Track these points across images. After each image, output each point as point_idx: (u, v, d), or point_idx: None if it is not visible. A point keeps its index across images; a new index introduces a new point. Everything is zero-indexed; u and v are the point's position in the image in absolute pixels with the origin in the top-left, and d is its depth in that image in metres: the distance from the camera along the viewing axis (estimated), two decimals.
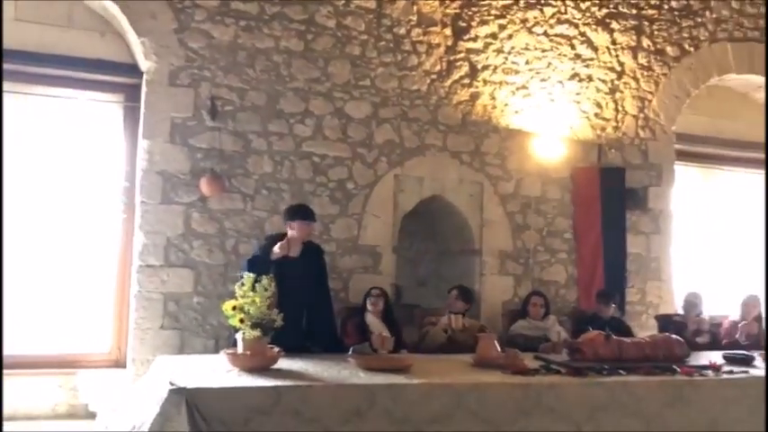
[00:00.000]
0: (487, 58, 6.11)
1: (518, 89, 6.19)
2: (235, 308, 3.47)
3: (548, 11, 6.31)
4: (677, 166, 6.79)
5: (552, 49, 6.32)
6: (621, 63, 6.56)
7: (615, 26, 6.54)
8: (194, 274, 5.13)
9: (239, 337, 3.50)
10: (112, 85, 5.36)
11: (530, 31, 6.25)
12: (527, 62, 6.23)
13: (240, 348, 3.49)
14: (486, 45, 6.11)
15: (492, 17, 6.13)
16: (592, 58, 6.45)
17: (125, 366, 5.05)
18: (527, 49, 6.24)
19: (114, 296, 5.25)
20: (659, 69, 6.69)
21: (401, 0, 5.83)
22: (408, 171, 5.81)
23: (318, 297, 4.58)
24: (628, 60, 6.58)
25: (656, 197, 6.59)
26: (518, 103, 6.18)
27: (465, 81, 6.03)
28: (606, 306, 5.60)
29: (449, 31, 5.99)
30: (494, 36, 6.13)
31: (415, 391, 3.29)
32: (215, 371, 3.40)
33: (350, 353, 3.95)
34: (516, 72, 6.19)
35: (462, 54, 6.04)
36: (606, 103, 6.49)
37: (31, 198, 5.10)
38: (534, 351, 4.65)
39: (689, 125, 6.93)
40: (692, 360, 4.30)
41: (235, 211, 5.27)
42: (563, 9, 6.36)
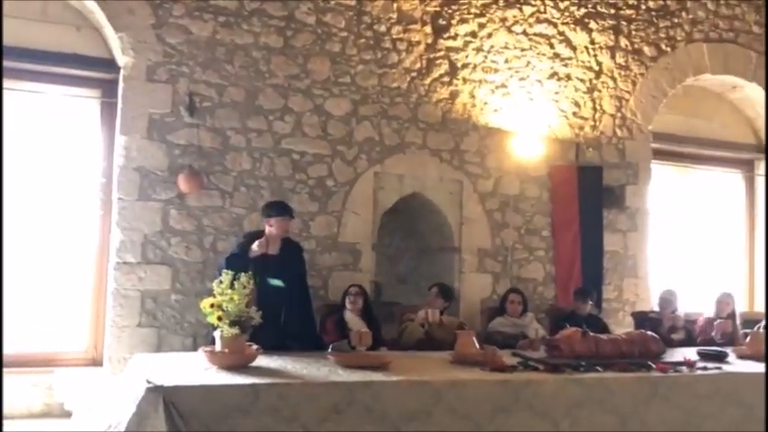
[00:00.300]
0: (467, 56, 6.13)
1: (497, 88, 6.22)
2: (213, 305, 3.45)
3: (527, 10, 6.34)
4: (654, 165, 6.87)
5: (531, 48, 6.36)
6: (599, 62, 6.62)
7: (593, 26, 6.60)
8: (172, 272, 5.09)
9: (217, 334, 3.48)
10: (89, 80, 5.29)
11: (509, 30, 6.28)
12: (506, 61, 6.26)
13: (218, 346, 3.47)
14: (466, 43, 6.13)
15: (471, 15, 6.15)
16: (570, 58, 6.50)
17: (101, 365, 5.00)
18: (506, 47, 6.27)
19: (91, 294, 5.20)
20: (637, 69, 6.76)
21: None
22: (388, 169, 5.82)
23: (297, 294, 4.57)
24: (606, 60, 6.64)
25: (632, 195, 6.67)
26: (497, 101, 6.21)
27: (445, 79, 6.04)
28: (584, 303, 5.66)
29: (429, 29, 6.00)
30: (473, 34, 6.15)
31: (393, 388, 3.29)
32: (193, 369, 3.38)
33: (329, 350, 3.94)
34: (495, 71, 6.22)
35: (442, 52, 6.05)
36: (584, 102, 6.55)
37: (7, 194, 5.02)
38: (512, 348, 4.68)
39: (665, 124, 7.02)
40: (667, 357, 4.36)
41: (213, 208, 5.24)
42: (542, 8, 6.41)
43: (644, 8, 6.81)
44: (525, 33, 6.34)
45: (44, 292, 5.09)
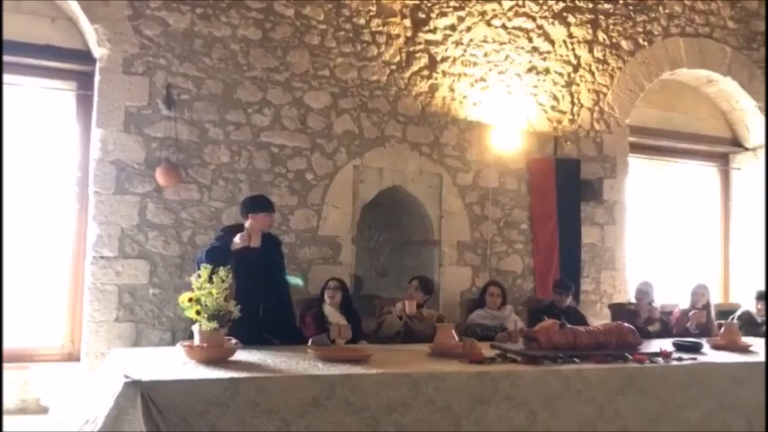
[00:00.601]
0: (446, 49, 6.14)
1: (477, 81, 6.23)
2: (191, 300, 3.43)
3: (506, 3, 6.36)
4: (631, 159, 6.94)
5: (510, 42, 6.38)
6: (578, 56, 6.66)
7: (572, 20, 6.64)
8: (150, 266, 5.06)
9: (196, 329, 3.47)
10: (64, 72, 5.23)
11: (488, 24, 6.30)
12: (485, 54, 6.28)
13: (197, 340, 3.46)
14: (446, 37, 6.14)
15: (451, 9, 6.16)
16: (549, 52, 6.54)
17: (78, 360, 4.96)
18: (485, 41, 6.28)
19: (67, 288, 5.14)
20: (614, 63, 6.81)
21: None
22: (368, 162, 5.82)
23: (277, 288, 4.56)
24: (584, 54, 6.69)
25: (610, 189, 6.73)
26: (476, 95, 6.22)
27: (424, 72, 6.05)
28: (564, 296, 5.70)
29: (408, 23, 6.00)
30: (453, 28, 6.16)
31: (373, 380, 3.30)
32: (171, 363, 3.36)
33: (308, 344, 3.94)
34: (475, 64, 6.24)
35: (422, 45, 6.05)
36: (563, 96, 6.59)
37: None
38: (491, 340, 4.71)
39: (642, 118, 7.09)
40: (643, 348, 4.41)
41: (191, 202, 5.21)
42: (521, 2, 6.43)
43: (621, 2, 6.86)
44: (504, 27, 6.36)
45: (20, 287, 5.02)
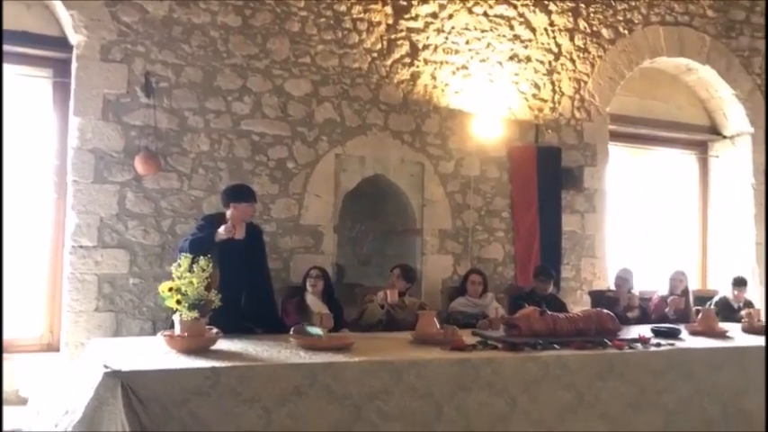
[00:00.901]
0: (428, 37, 6.12)
1: (458, 69, 6.23)
2: (171, 289, 3.41)
3: None
4: (611, 147, 6.98)
5: (491, 30, 6.38)
6: (559, 45, 6.68)
7: (553, 8, 6.64)
8: (130, 255, 5.02)
9: (176, 318, 3.45)
10: (40, 59, 5.14)
11: (470, 11, 6.28)
12: (467, 42, 6.27)
13: (177, 330, 3.44)
14: (427, 24, 6.12)
15: None
16: (530, 40, 6.54)
17: (58, 350, 4.92)
18: (467, 29, 6.27)
19: (46, 278, 5.09)
20: (595, 51, 6.83)
21: None
22: (350, 150, 5.80)
23: (258, 278, 4.54)
24: (565, 42, 6.70)
25: (590, 177, 6.77)
26: (458, 83, 6.22)
27: (406, 60, 6.03)
28: (546, 284, 5.73)
29: (389, 10, 5.97)
30: (434, 15, 6.14)
31: (355, 368, 3.31)
32: (152, 353, 3.34)
33: (290, 333, 3.93)
34: (456, 52, 6.23)
35: (403, 33, 6.03)
36: (544, 84, 6.60)
37: None
38: (472, 327, 4.74)
39: (622, 106, 7.13)
40: (622, 334, 4.46)
41: (171, 191, 5.17)
42: None
43: None
44: (486, 15, 6.35)
45: None
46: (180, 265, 3.44)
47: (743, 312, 5.79)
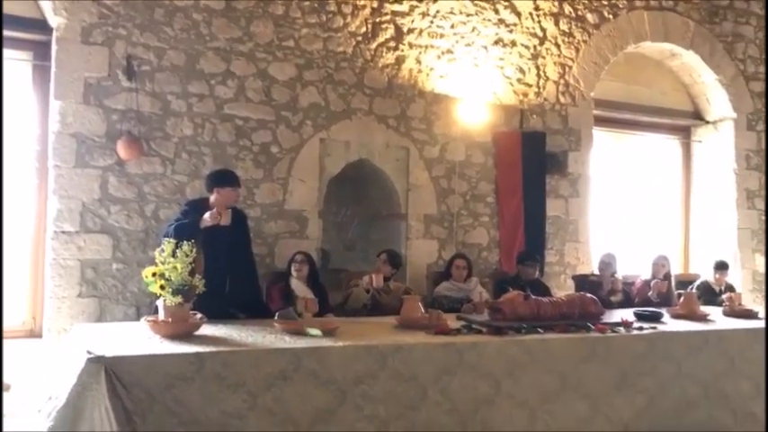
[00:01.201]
0: (413, 21, 6.09)
1: (443, 53, 6.20)
2: (155, 274, 3.39)
3: None
4: (595, 131, 7.01)
5: (477, 14, 6.36)
6: (544, 29, 6.67)
7: None
8: (113, 241, 4.97)
9: (160, 303, 3.43)
10: (19, 41, 5.03)
11: None
12: (452, 26, 6.25)
13: (161, 315, 3.43)
14: (412, 8, 6.08)
15: None
16: (515, 24, 6.53)
17: (41, 336, 4.87)
18: (452, 13, 6.24)
19: (28, 264, 5.03)
20: (580, 36, 6.83)
21: None
22: (335, 135, 5.77)
23: (243, 263, 4.53)
24: (550, 26, 6.69)
25: (574, 162, 6.79)
26: (443, 67, 6.20)
27: (391, 44, 6.00)
28: (531, 268, 5.75)
29: None
30: None
31: (339, 353, 3.32)
32: (135, 339, 3.33)
33: (275, 318, 3.93)
34: (441, 36, 6.20)
35: (388, 16, 5.99)
36: (529, 69, 6.60)
37: None
38: (457, 312, 4.77)
39: (606, 91, 7.15)
40: (605, 318, 4.51)
41: (154, 176, 5.12)
42: None
43: None
44: None
45: None
46: (164, 251, 3.42)
47: (724, 296, 5.88)
